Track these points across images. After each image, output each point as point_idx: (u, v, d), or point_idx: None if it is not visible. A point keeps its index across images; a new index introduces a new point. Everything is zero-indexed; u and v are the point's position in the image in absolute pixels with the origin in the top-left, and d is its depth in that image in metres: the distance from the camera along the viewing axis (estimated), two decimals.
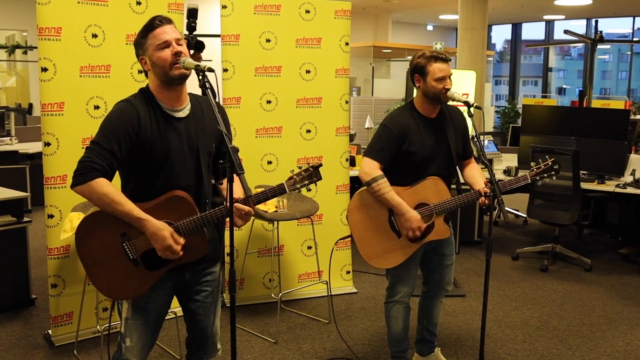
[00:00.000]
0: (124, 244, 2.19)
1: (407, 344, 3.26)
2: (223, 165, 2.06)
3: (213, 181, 2.43)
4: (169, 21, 2.23)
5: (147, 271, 2.22)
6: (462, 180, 3.15)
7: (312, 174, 2.28)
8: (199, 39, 4.18)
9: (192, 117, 2.29)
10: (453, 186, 3.08)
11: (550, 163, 2.90)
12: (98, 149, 2.12)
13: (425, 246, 3.07)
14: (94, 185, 2.09)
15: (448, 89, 2.87)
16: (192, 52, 4.03)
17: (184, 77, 2.20)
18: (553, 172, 2.90)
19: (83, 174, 2.10)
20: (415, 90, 3.04)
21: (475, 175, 3.08)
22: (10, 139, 7.55)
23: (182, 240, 2.18)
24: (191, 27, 4.15)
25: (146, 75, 2.28)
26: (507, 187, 2.87)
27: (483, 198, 2.86)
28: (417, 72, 2.94)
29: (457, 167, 3.13)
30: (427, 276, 3.26)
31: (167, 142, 2.21)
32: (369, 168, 2.91)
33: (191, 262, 2.28)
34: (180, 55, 2.17)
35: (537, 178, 2.91)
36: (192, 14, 4.17)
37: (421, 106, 2.99)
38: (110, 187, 2.12)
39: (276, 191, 2.27)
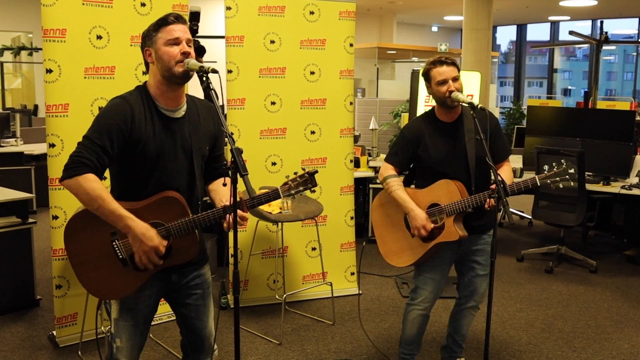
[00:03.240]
0: (114, 243, 2.17)
1: (418, 348, 3.24)
2: (227, 167, 2.05)
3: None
4: (183, 21, 2.22)
5: (136, 271, 2.20)
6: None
7: (307, 180, 2.24)
8: (202, 40, 4.19)
9: (188, 118, 2.27)
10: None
11: (564, 167, 2.77)
12: (89, 143, 2.10)
13: (454, 251, 3.04)
14: (81, 180, 2.06)
15: (452, 92, 2.85)
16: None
17: (186, 77, 2.18)
18: (567, 177, 2.77)
19: (72, 168, 2.07)
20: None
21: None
22: (15, 140, 7.57)
23: (163, 251, 2.16)
24: (193, 30, 4.15)
25: (147, 68, 2.25)
26: (514, 189, 2.82)
27: (489, 200, 2.80)
28: (425, 78, 2.98)
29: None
30: (460, 282, 3.22)
31: (160, 142, 2.19)
32: (383, 170, 3.07)
33: (179, 264, 2.27)
34: (188, 56, 2.16)
35: (549, 182, 2.79)
36: (194, 17, 4.18)
37: (437, 111, 3.02)
38: (98, 184, 2.08)
39: (270, 196, 2.24)
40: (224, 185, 2.27)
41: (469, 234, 2.94)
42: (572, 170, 2.79)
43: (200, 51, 4.13)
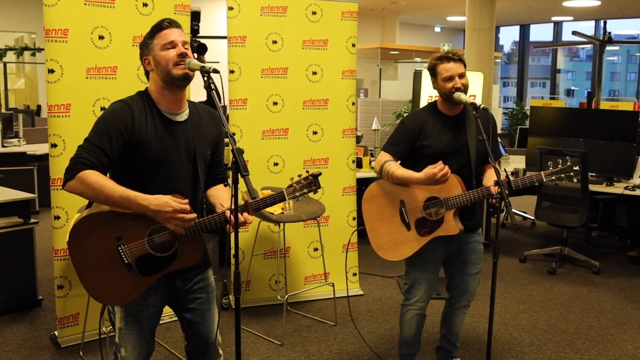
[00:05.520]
0: (119, 248, 2.16)
1: (418, 348, 3.23)
2: (228, 167, 2.04)
3: None
4: (177, 25, 2.23)
5: (141, 276, 2.19)
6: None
7: (311, 182, 2.25)
8: (205, 40, 4.19)
9: (190, 122, 2.27)
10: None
11: (569, 163, 2.82)
12: (88, 145, 2.10)
13: (446, 249, 3.02)
14: (82, 176, 2.05)
15: (458, 88, 2.85)
16: (195, 55, 4.05)
17: (187, 78, 2.18)
18: (572, 174, 2.81)
19: (71, 170, 2.07)
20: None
21: (491, 176, 3.01)
22: (18, 141, 7.59)
23: (189, 207, 2.11)
24: (194, 29, 4.16)
25: (147, 76, 2.26)
26: (519, 184, 2.82)
27: (495, 188, 2.76)
28: (431, 73, 2.98)
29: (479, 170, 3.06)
30: (449, 282, 3.20)
31: (163, 145, 2.18)
32: (381, 158, 2.98)
33: (184, 268, 2.25)
34: (185, 57, 2.16)
35: (554, 178, 2.83)
36: (195, 16, 4.18)
37: (441, 105, 3.01)
38: (99, 176, 2.07)
39: (275, 199, 2.24)
40: (226, 185, 2.26)
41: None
42: (576, 168, 2.84)
43: (201, 49, 4.14)
